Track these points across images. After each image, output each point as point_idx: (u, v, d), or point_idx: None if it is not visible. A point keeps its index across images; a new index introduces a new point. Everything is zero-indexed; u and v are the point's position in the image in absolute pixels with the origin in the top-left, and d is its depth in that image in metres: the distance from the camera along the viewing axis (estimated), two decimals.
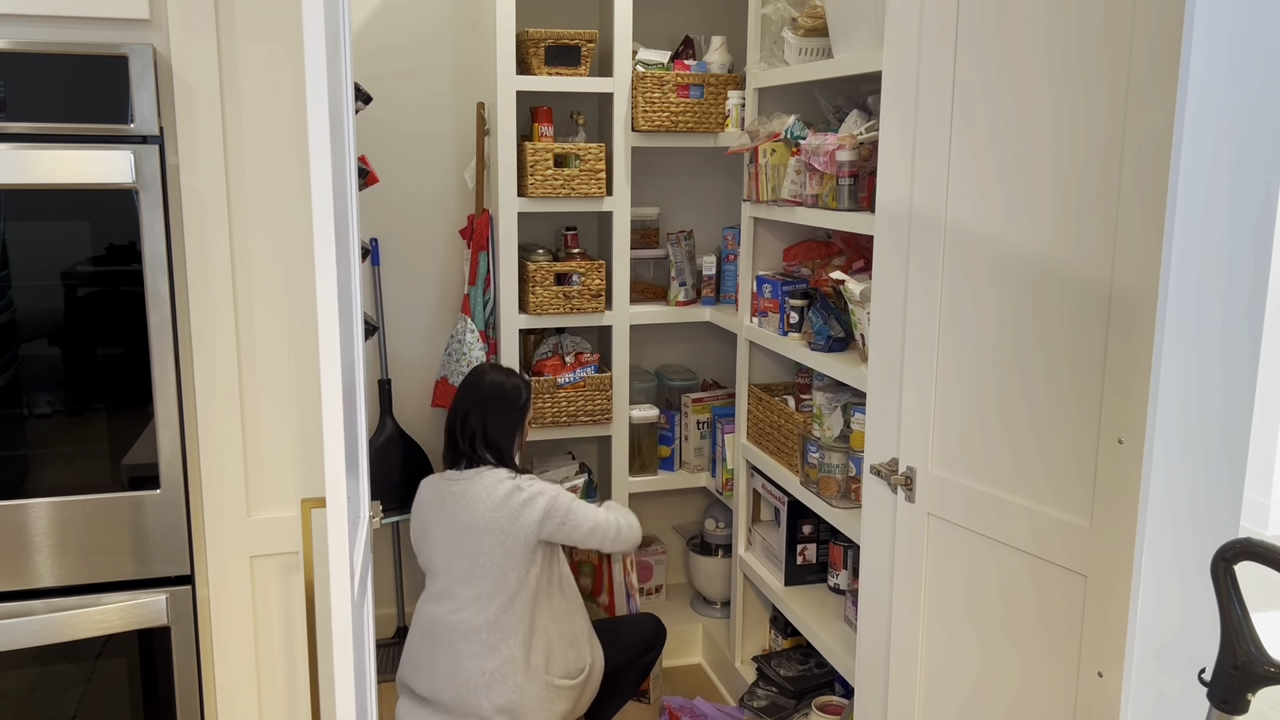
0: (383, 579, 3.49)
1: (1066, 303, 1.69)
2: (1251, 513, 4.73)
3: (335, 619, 1.43)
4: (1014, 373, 1.80)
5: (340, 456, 1.40)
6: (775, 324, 2.80)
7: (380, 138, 3.28)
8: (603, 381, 3.18)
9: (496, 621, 2.38)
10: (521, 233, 3.40)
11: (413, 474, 3.25)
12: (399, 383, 3.40)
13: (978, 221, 1.84)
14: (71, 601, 1.96)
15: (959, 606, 1.95)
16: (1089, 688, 1.71)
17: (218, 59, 1.93)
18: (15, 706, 1.96)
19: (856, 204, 2.37)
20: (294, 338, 2.05)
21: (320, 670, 2.14)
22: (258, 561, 2.09)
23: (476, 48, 3.28)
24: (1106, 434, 1.64)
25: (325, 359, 1.38)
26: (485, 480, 2.44)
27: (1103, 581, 1.66)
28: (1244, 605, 1.34)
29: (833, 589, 2.85)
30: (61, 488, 1.94)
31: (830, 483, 2.53)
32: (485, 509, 2.40)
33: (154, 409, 1.95)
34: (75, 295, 1.89)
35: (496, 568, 2.39)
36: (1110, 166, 1.60)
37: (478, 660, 2.38)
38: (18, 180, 1.81)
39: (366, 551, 1.85)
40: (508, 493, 2.41)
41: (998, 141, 1.79)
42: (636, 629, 2.78)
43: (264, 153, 1.98)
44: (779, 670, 2.93)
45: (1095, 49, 1.61)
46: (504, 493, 2.41)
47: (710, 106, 3.13)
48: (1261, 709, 3.22)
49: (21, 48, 1.79)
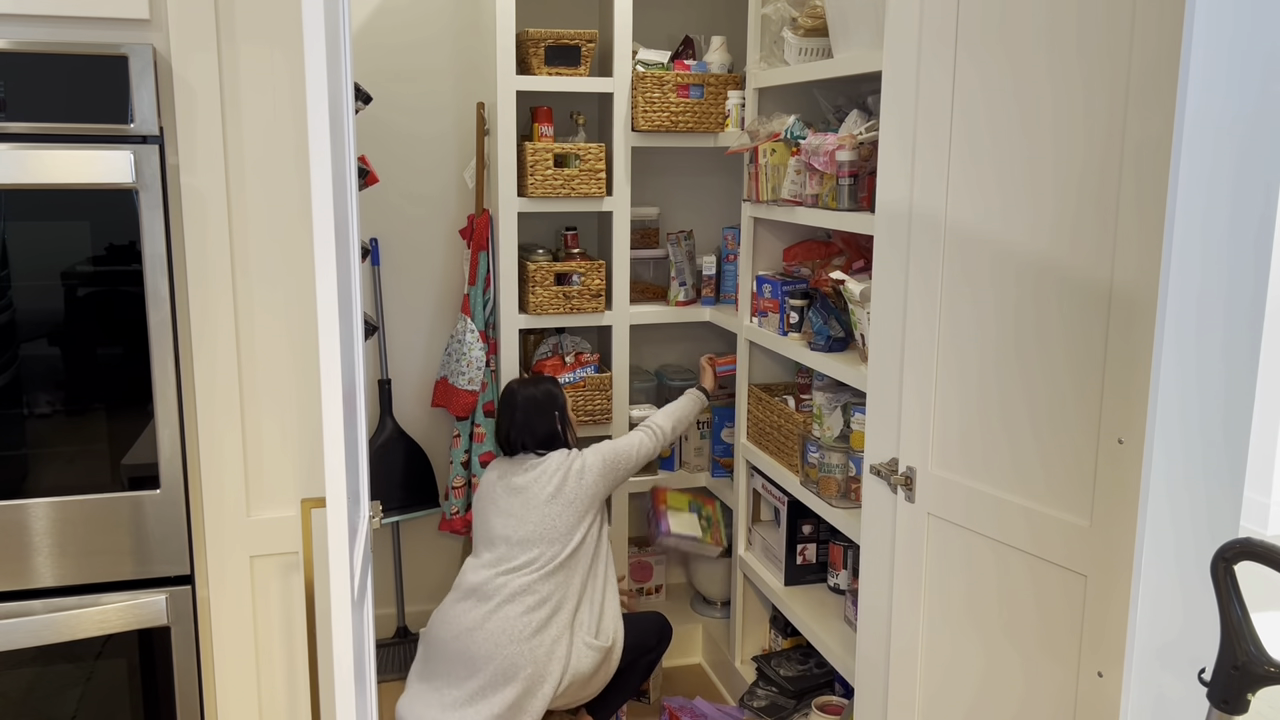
0: (383, 579, 3.49)
1: (1066, 303, 1.69)
2: (1251, 513, 4.73)
3: (335, 619, 1.43)
4: (1014, 373, 1.80)
5: (340, 456, 1.40)
6: (775, 324, 2.80)
7: (380, 138, 3.28)
8: (603, 381, 3.18)
9: (548, 580, 2.60)
10: (521, 233, 3.40)
11: (413, 474, 3.25)
12: (399, 383, 3.40)
13: (978, 221, 1.84)
14: (71, 601, 1.96)
15: (959, 606, 1.95)
16: (1089, 688, 1.71)
17: (218, 59, 1.93)
18: (15, 706, 1.96)
19: (856, 204, 2.37)
20: (294, 337, 2.05)
21: (320, 670, 2.14)
22: (258, 561, 2.09)
23: (476, 48, 3.28)
24: (1106, 434, 1.64)
25: (325, 359, 1.38)
26: (549, 463, 2.75)
27: (1103, 581, 1.66)
28: (1244, 605, 1.34)
29: (833, 589, 2.85)
30: (61, 488, 1.94)
31: (830, 483, 2.53)
32: (551, 484, 2.70)
33: (154, 409, 1.95)
34: (75, 295, 1.89)
35: (561, 532, 2.65)
36: (1110, 166, 1.60)
37: (523, 615, 2.56)
38: (18, 180, 1.81)
39: (366, 551, 1.85)
40: (565, 468, 2.73)
41: (998, 141, 1.79)
42: (644, 626, 2.82)
43: (264, 153, 1.98)
44: (779, 670, 2.93)
45: (1095, 48, 1.61)
46: (564, 469, 2.73)
47: (710, 106, 3.13)
48: (1261, 709, 3.22)
49: (21, 48, 1.79)
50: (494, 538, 2.70)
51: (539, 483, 2.70)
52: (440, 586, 3.54)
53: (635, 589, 3.55)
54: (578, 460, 2.74)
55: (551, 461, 2.74)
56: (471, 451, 3.19)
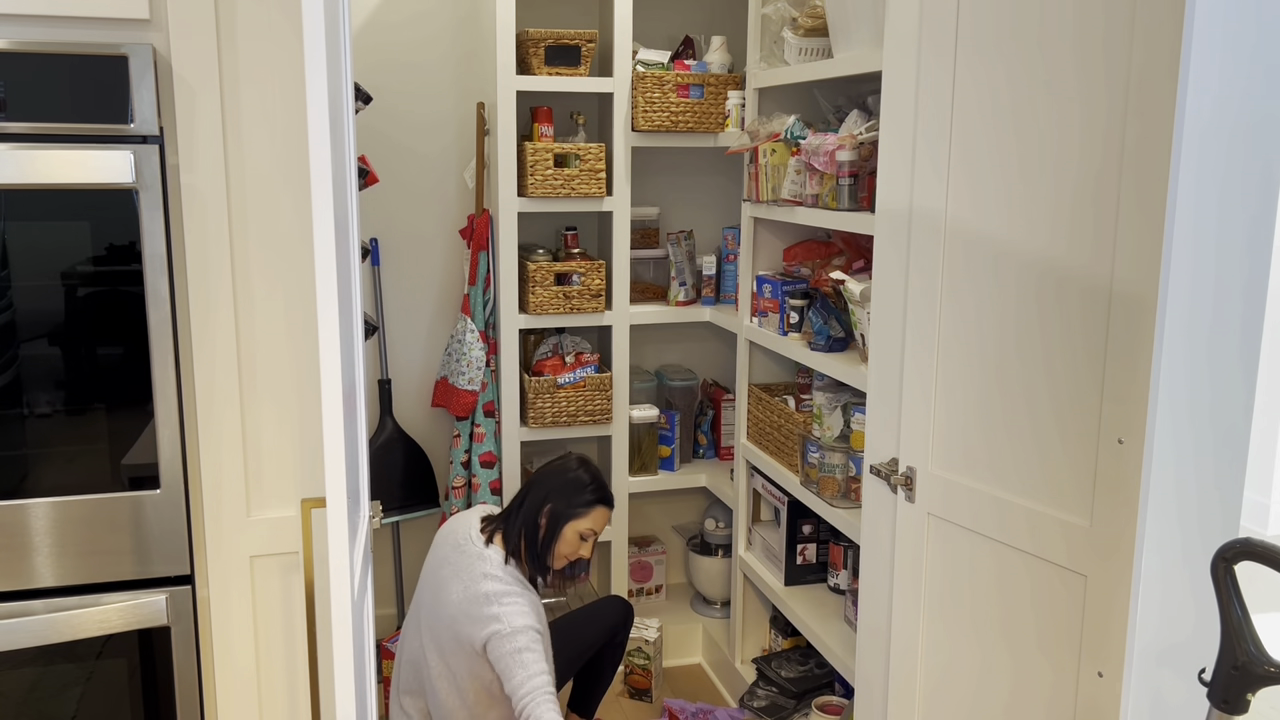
0: (383, 579, 3.49)
1: (1066, 302, 1.69)
2: (1251, 513, 4.73)
3: (335, 619, 1.43)
4: (1014, 373, 1.80)
5: (340, 456, 1.40)
6: (775, 324, 2.80)
7: (380, 137, 3.28)
8: (603, 381, 3.18)
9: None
10: (521, 233, 3.40)
11: (413, 474, 3.25)
12: (399, 383, 3.40)
13: (978, 221, 1.84)
14: (71, 601, 1.96)
15: (959, 606, 1.95)
16: (1089, 688, 1.71)
17: (217, 59, 1.93)
18: (15, 706, 1.96)
19: (856, 204, 2.37)
20: (294, 337, 2.05)
21: (320, 670, 2.14)
22: (258, 561, 2.09)
23: (477, 48, 3.28)
24: (1106, 434, 1.64)
25: (325, 359, 1.38)
26: (481, 562, 2.25)
27: (1103, 581, 1.66)
28: (1244, 605, 1.34)
29: (833, 589, 2.85)
30: (61, 488, 1.94)
31: (830, 483, 2.53)
32: (454, 592, 2.24)
33: (154, 409, 1.95)
34: (75, 295, 1.89)
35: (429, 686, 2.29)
36: (1110, 166, 1.60)
37: None
38: (18, 180, 1.81)
39: (366, 551, 1.85)
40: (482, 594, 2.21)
41: (998, 141, 1.79)
42: (603, 613, 2.75)
43: (264, 153, 1.98)
44: (779, 670, 2.93)
45: (1095, 47, 1.61)
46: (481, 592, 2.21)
47: (710, 106, 3.13)
48: (1261, 709, 3.22)
49: (21, 48, 1.79)
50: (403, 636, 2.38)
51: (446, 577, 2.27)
52: None
53: (635, 589, 3.55)
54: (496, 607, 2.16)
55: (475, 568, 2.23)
56: (471, 451, 3.19)
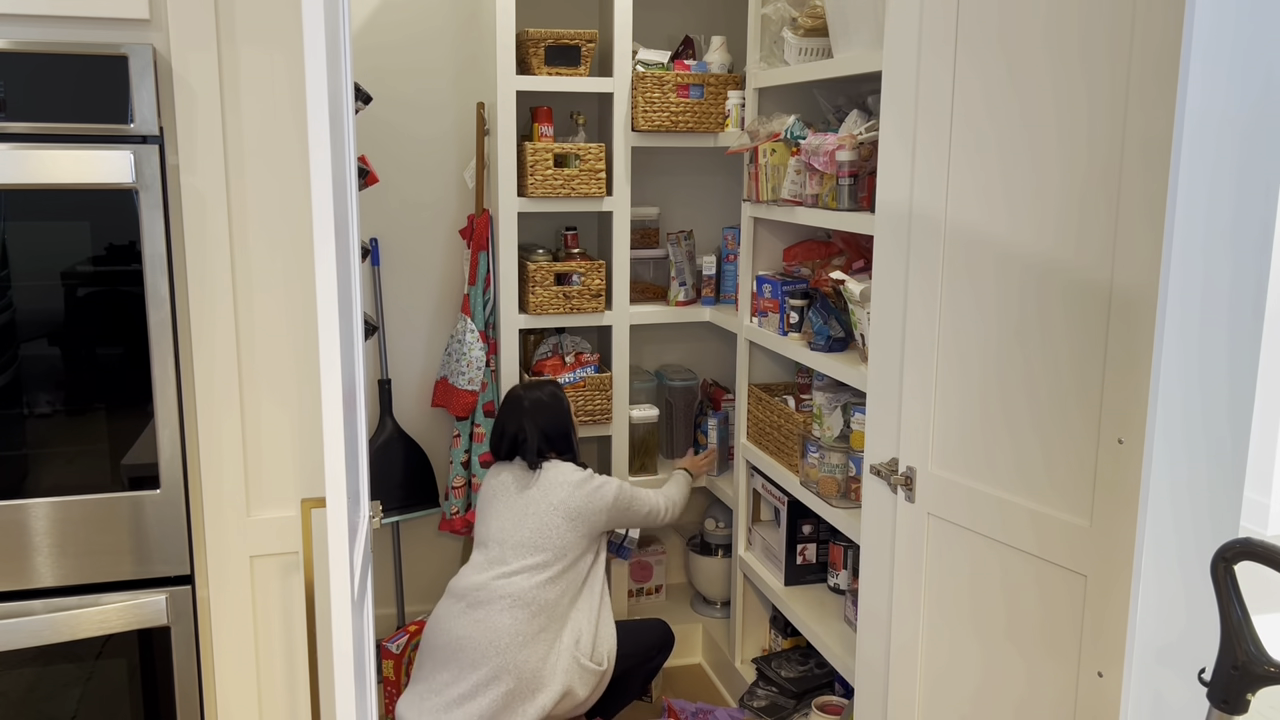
0: (383, 579, 3.49)
1: (1067, 302, 1.69)
2: (1251, 513, 4.73)
3: (335, 619, 1.43)
4: (1014, 372, 1.80)
5: (340, 456, 1.40)
6: (775, 324, 2.80)
7: (380, 138, 3.28)
8: (603, 381, 3.18)
9: (543, 590, 2.58)
10: (521, 233, 3.40)
11: (412, 474, 3.25)
12: (399, 383, 3.40)
13: (978, 221, 1.84)
14: (71, 601, 1.96)
15: (959, 606, 1.95)
16: (1089, 688, 1.71)
17: (218, 59, 1.93)
18: (15, 706, 1.96)
19: (856, 204, 2.37)
20: (294, 337, 2.05)
21: (320, 670, 2.14)
22: (258, 561, 2.09)
23: (476, 47, 3.28)
24: (1106, 434, 1.64)
25: (325, 359, 1.38)
26: (562, 469, 2.72)
27: (1103, 581, 1.66)
28: (1244, 605, 1.34)
29: (833, 589, 2.85)
30: (61, 488, 1.94)
31: (830, 483, 2.53)
32: (562, 491, 2.67)
33: (154, 409, 1.95)
34: (75, 295, 1.89)
35: (557, 544, 2.62)
36: (1111, 166, 1.60)
37: (517, 623, 2.54)
38: (18, 180, 1.81)
39: (366, 551, 1.85)
40: (583, 479, 2.70)
41: (998, 141, 1.79)
42: (647, 633, 2.83)
43: (264, 153, 1.98)
44: (779, 670, 2.93)
45: (1096, 47, 1.61)
46: (579, 479, 2.70)
47: (710, 106, 3.13)
48: (1261, 709, 3.22)
49: (21, 48, 1.79)
50: (490, 539, 2.68)
51: (545, 488, 2.67)
52: (440, 587, 3.54)
53: (635, 589, 3.55)
54: (596, 480, 2.71)
55: (563, 471, 2.70)
56: (471, 451, 3.19)
